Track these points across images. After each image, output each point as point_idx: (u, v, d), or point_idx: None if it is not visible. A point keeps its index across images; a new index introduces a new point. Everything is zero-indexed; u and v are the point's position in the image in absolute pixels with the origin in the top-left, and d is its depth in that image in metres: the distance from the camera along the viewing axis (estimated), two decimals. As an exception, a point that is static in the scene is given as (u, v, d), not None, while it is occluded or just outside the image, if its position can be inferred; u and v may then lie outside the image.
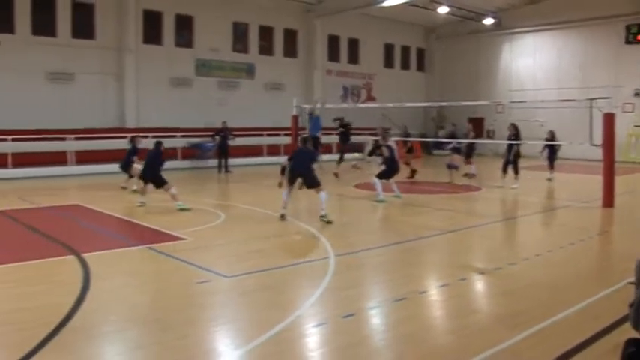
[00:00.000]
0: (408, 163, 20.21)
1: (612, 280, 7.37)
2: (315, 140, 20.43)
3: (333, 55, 34.18)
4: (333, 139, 25.66)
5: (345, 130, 22.60)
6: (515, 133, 18.00)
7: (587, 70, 32.02)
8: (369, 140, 23.45)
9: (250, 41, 30.13)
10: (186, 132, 25.54)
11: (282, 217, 11.63)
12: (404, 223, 12.13)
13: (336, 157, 22.22)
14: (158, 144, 13.85)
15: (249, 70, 30.03)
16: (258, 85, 30.27)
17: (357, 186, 17.92)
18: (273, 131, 27.99)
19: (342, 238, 10.01)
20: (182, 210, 12.73)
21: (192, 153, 25.03)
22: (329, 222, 11.14)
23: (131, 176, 15.92)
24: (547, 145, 20.24)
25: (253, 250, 9.06)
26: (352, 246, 9.38)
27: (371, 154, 17.64)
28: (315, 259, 8.64)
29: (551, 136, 20.19)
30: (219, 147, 22.56)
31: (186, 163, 24.54)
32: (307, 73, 32.58)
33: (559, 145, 20.29)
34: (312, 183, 11.70)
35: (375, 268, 8.25)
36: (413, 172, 19.93)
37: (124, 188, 16.22)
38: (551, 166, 20.35)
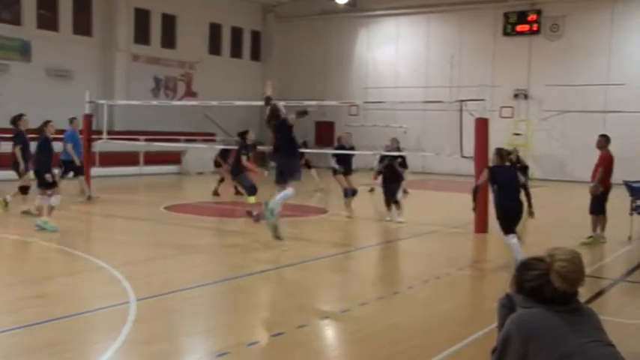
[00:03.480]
0: (222, 180, 20.48)
1: (483, 321, 7.85)
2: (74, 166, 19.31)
3: (142, 35, 33.77)
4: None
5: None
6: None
7: (459, 65, 34.07)
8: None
9: (25, 10, 28.98)
10: None
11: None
12: (229, 255, 12.19)
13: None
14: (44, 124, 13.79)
15: (24, 50, 28.86)
16: (36, 71, 29.15)
17: (167, 208, 17.78)
18: (60, 134, 26.99)
19: (148, 276, 9.86)
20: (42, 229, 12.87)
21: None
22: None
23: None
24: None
25: (28, 297, 8.68)
26: (161, 286, 9.27)
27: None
28: (111, 304, 8.44)
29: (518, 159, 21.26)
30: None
31: None
32: (106, 57, 31.92)
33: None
34: None
35: (190, 314, 8.22)
36: (216, 191, 20.53)
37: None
38: None
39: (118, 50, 32.10)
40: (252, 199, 15.69)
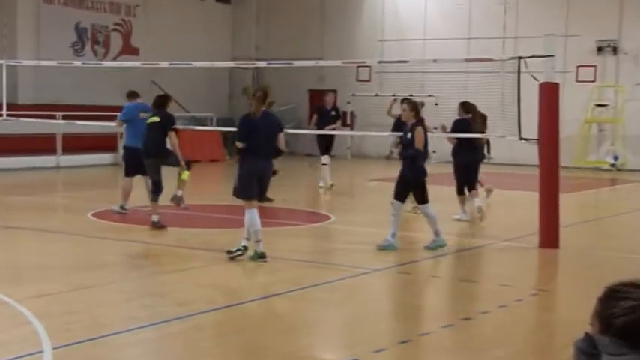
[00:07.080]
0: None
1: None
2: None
3: (57, -34, 33.67)
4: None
5: None
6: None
7: (516, 7, 33.87)
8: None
9: None
10: None
11: None
12: (185, 281, 12.15)
13: None
14: None
15: None
16: None
17: (97, 215, 17.72)
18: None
19: (68, 313, 9.82)
20: None
21: None
22: None
23: None
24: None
25: None
26: (86, 328, 9.22)
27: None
28: (16, 356, 8.40)
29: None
30: None
31: None
32: (6, -1, 31.85)
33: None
34: None
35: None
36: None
37: None
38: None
39: (24, -12, 32.02)
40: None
